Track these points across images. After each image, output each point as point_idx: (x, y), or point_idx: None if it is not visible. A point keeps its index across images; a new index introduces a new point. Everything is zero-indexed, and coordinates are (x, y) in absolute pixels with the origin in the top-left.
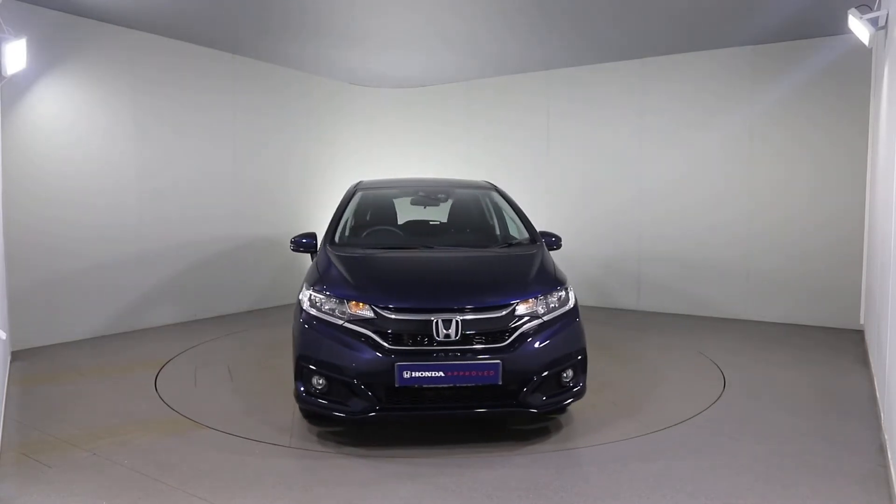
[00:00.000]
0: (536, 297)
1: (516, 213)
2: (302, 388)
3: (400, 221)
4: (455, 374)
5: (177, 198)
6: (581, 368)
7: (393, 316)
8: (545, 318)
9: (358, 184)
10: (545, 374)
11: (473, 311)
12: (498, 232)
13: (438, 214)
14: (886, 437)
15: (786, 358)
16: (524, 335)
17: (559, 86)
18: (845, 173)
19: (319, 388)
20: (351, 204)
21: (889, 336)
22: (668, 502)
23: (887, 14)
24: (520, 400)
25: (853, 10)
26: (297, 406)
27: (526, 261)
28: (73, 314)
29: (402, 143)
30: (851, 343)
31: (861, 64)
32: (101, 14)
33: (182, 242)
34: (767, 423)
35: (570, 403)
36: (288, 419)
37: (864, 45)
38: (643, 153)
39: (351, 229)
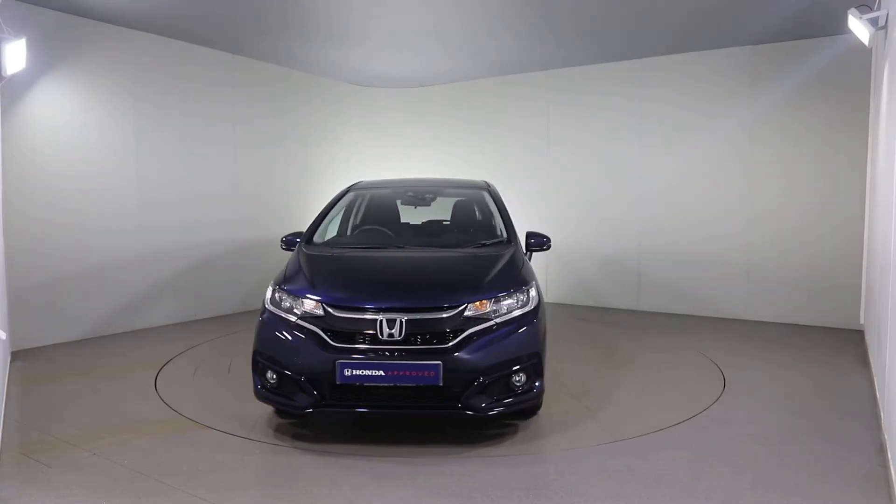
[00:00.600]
0: (491, 299)
1: (500, 213)
2: (258, 383)
3: (385, 222)
4: (395, 373)
5: (176, 198)
6: (535, 372)
7: (339, 314)
8: (497, 320)
9: (353, 184)
10: (491, 376)
11: (418, 311)
12: (477, 232)
13: (428, 214)
14: (886, 437)
15: (786, 358)
16: (471, 337)
17: (559, 86)
18: (845, 173)
19: (272, 382)
20: (339, 204)
21: (889, 336)
22: (668, 502)
23: (887, 14)
24: (462, 402)
25: (853, 10)
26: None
27: (490, 261)
28: (73, 314)
29: (402, 143)
30: (851, 343)
31: (861, 64)
32: (101, 14)
33: (182, 242)
34: (767, 423)
35: (522, 408)
36: (286, 420)
37: (864, 45)
38: (643, 153)
39: (324, 229)
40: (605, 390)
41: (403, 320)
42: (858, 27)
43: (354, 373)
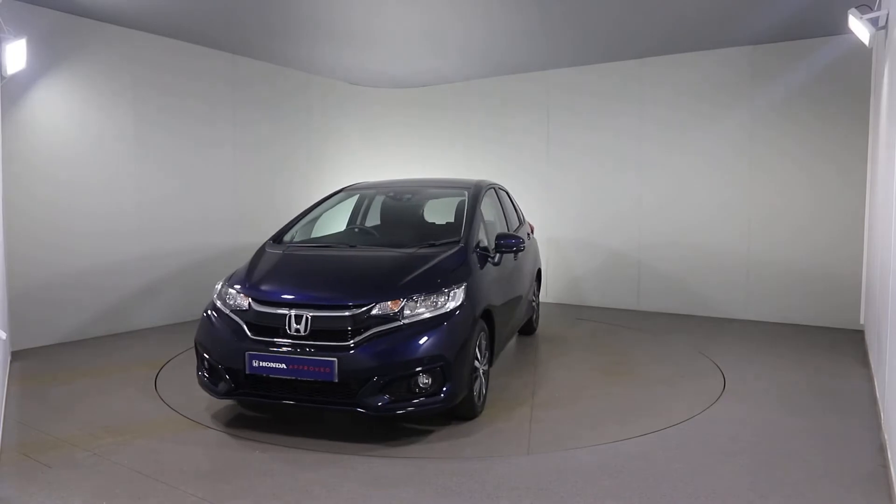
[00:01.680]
0: (403, 299)
1: (469, 214)
2: (198, 369)
3: (361, 222)
4: (295, 367)
5: (176, 198)
6: (443, 376)
7: (258, 308)
8: (406, 321)
9: (348, 185)
10: (389, 376)
11: (323, 309)
12: (440, 232)
13: (427, 215)
14: (886, 437)
15: (786, 358)
16: (372, 336)
17: (559, 86)
18: (845, 173)
19: (205, 368)
20: (324, 205)
21: (889, 336)
22: (668, 502)
23: (887, 14)
24: (357, 400)
25: (853, 10)
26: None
27: (419, 262)
28: (73, 314)
29: (403, 143)
30: (851, 343)
31: (861, 64)
32: (101, 14)
33: (182, 242)
34: (767, 424)
35: (427, 411)
36: (286, 420)
37: (864, 45)
38: (643, 153)
39: (301, 229)
40: (605, 390)
41: (309, 317)
42: (858, 27)
43: (261, 364)
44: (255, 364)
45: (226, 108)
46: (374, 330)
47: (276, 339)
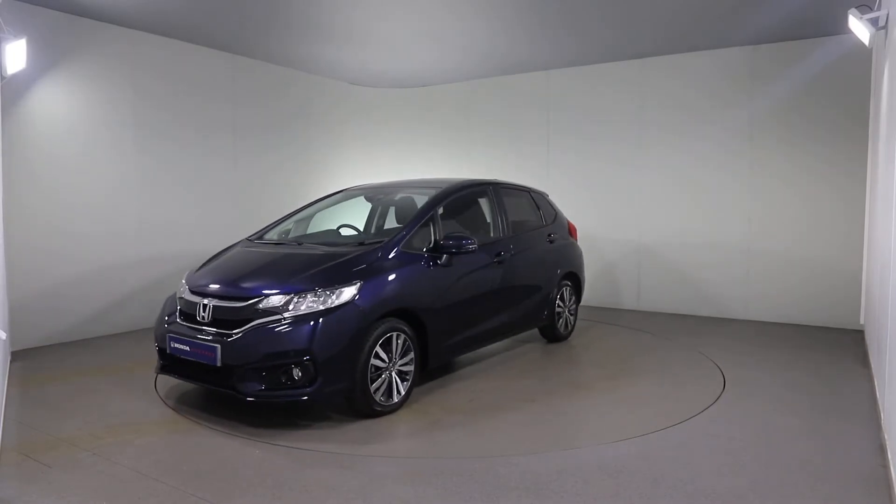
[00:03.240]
0: (288, 293)
1: (419, 215)
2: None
3: (369, 223)
4: (194, 350)
5: (176, 198)
6: (314, 370)
7: (185, 297)
8: (287, 315)
9: (348, 187)
10: (260, 366)
11: (224, 299)
12: (383, 232)
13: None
14: (886, 437)
15: (786, 358)
16: (254, 327)
17: (559, 86)
18: (845, 173)
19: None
20: (315, 206)
21: (889, 336)
22: (668, 502)
23: (887, 14)
24: (234, 384)
25: (853, 10)
26: (294, 406)
27: (325, 260)
28: (73, 314)
29: (403, 143)
30: (851, 343)
31: (861, 64)
32: (100, 14)
33: (181, 242)
34: (767, 424)
35: (298, 401)
36: (287, 420)
37: (864, 45)
38: (643, 153)
39: (287, 226)
40: (604, 390)
41: (211, 306)
42: (858, 27)
43: (174, 346)
44: (172, 345)
45: (226, 107)
46: (256, 322)
47: (189, 325)
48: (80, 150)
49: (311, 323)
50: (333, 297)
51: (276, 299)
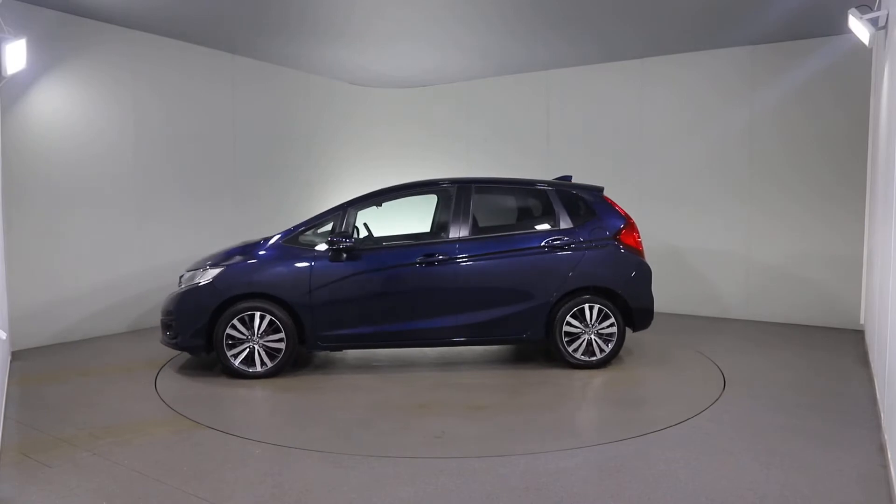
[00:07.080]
0: (202, 270)
1: (331, 212)
2: None
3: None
4: None
5: (177, 199)
6: (176, 327)
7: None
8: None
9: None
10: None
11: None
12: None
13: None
14: (886, 437)
15: (785, 358)
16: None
17: (559, 86)
18: (845, 172)
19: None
20: (357, 213)
21: (889, 336)
22: (668, 502)
23: (887, 14)
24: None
25: (853, 10)
26: (294, 406)
27: (242, 249)
28: (74, 314)
29: (402, 143)
30: (851, 343)
31: (861, 64)
32: (100, 14)
33: (181, 242)
34: (767, 424)
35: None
36: (287, 420)
37: (864, 45)
38: (643, 153)
39: (315, 230)
40: (604, 390)
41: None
42: (858, 27)
43: None
44: None
45: (226, 107)
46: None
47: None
48: (80, 149)
49: (180, 293)
50: (202, 275)
51: (197, 273)
